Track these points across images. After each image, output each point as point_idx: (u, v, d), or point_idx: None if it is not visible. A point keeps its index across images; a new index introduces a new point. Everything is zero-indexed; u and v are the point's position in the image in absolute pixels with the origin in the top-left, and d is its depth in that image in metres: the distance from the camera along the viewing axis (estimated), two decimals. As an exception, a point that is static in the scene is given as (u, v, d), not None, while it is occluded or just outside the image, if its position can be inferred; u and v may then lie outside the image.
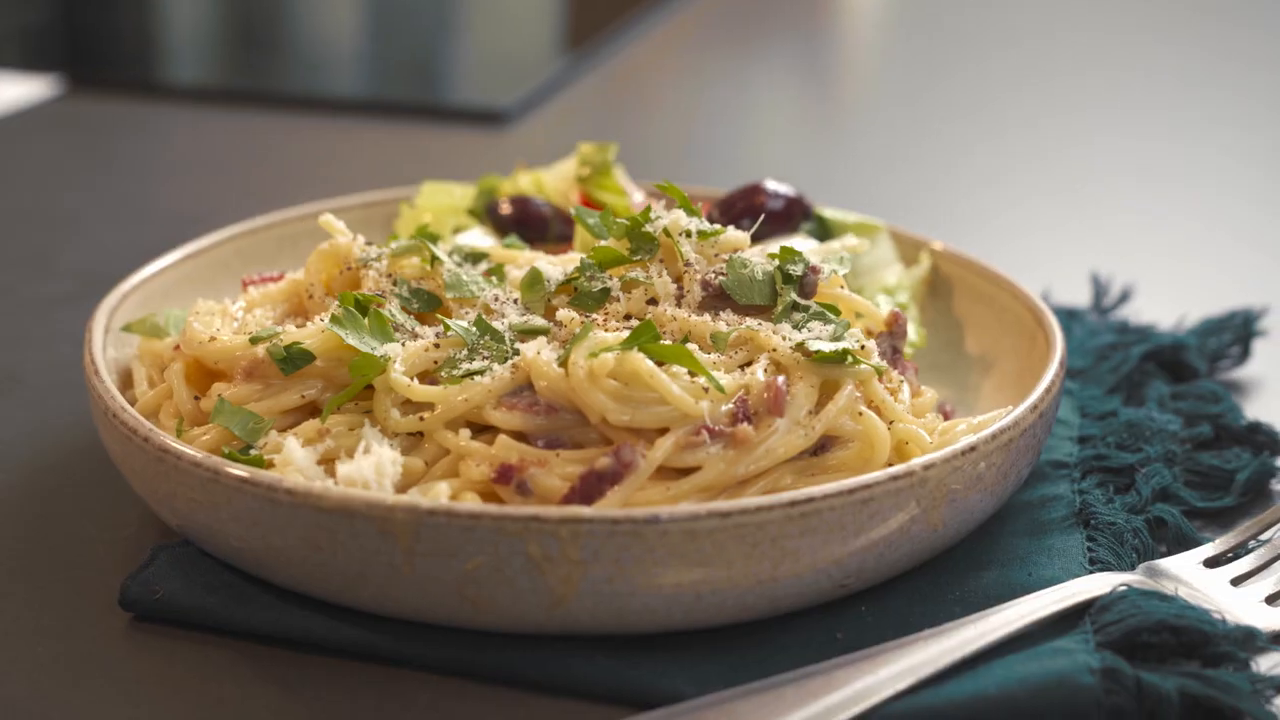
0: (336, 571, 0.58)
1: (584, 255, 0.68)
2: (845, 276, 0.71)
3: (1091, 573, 0.63)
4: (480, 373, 0.63)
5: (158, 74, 1.50)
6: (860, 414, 0.62)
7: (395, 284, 0.69)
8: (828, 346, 0.63)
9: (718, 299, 0.66)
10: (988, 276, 0.79)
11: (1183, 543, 0.67)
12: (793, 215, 0.80)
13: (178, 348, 0.69)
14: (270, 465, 0.61)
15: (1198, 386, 0.79)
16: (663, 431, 0.61)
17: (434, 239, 0.72)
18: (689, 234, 0.68)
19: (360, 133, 1.28)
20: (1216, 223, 1.09)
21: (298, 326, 0.69)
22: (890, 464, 0.63)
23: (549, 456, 0.60)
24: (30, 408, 0.79)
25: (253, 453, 0.63)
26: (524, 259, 0.73)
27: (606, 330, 0.64)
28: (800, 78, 1.60)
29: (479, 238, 0.82)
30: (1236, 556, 0.66)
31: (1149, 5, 1.82)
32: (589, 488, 0.59)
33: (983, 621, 0.59)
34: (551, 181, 0.85)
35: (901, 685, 0.56)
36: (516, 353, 0.64)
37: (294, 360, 0.64)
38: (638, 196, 0.84)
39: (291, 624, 0.60)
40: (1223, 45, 1.61)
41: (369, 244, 0.71)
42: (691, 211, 0.69)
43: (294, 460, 0.60)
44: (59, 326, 0.88)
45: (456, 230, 0.83)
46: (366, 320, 0.65)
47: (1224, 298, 0.90)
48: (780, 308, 0.66)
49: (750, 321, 0.65)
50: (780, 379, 0.61)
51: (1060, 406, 0.73)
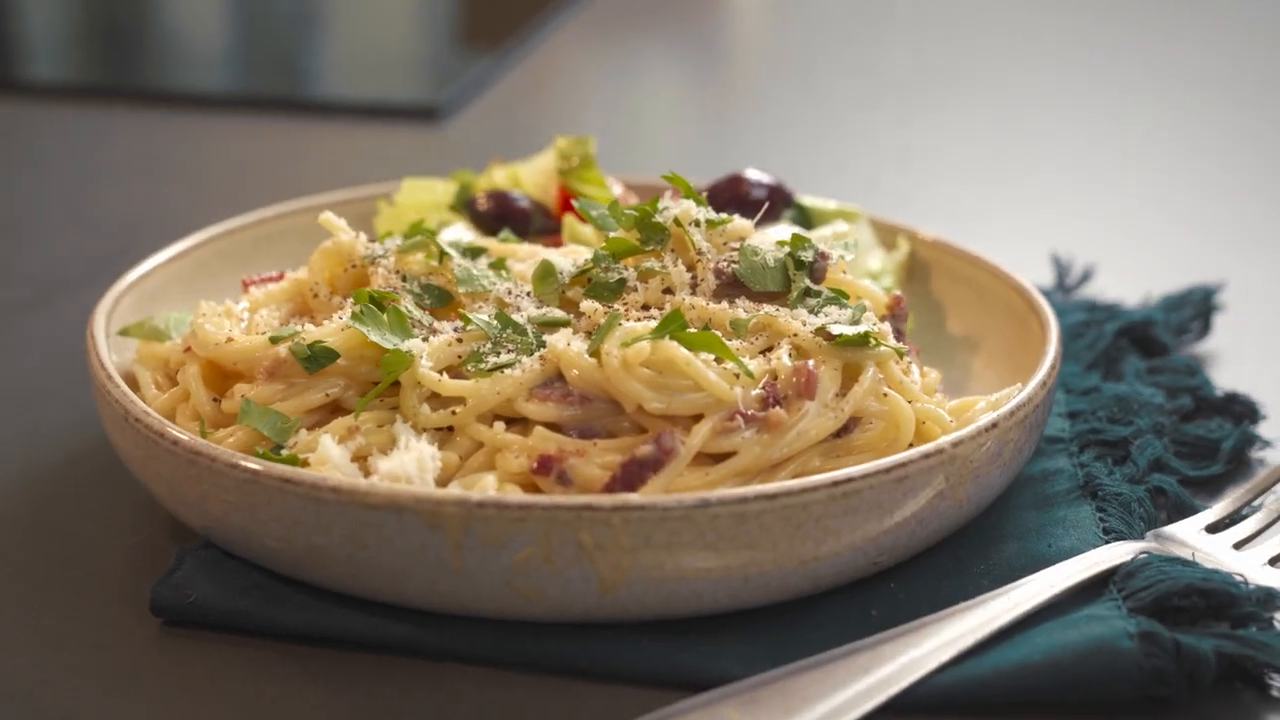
0: (381, 568, 0.58)
1: (597, 247, 0.69)
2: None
3: (1107, 542, 0.65)
4: (509, 366, 0.63)
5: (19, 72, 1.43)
6: (885, 395, 0.64)
7: (405, 280, 0.69)
8: (849, 330, 0.64)
9: (731, 286, 0.68)
10: (968, 259, 0.81)
11: (1182, 510, 0.69)
12: (775, 204, 0.82)
13: (188, 349, 0.68)
14: (304, 465, 0.61)
15: (1171, 361, 0.81)
16: (696, 418, 0.61)
17: (432, 235, 0.72)
18: (698, 223, 0.69)
19: (239, 129, 1.27)
20: (1164, 203, 1.12)
21: (304, 326, 0.69)
22: (910, 443, 0.64)
23: (587, 446, 0.61)
24: (14, 417, 0.78)
25: (284, 453, 0.62)
26: (523, 252, 0.73)
27: (625, 320, 0.65)
28: (712, 62, 1.61)
29: (462, 233, 0.82)
30: (1234, 522, 0.68)
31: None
32: (631, 475, 0.60)
33: (1015, 592, 0.60)
34: (529, 175, 0.86)
35: (945, 657, 0.58)
36: (542, 345, 0.64)
37: (317, 359, 0.64)
38: (617, 189, 0.85)
39: (331, 623, 0.60)
40: (1172, 30, 1.64)
41: (372, 241, 0.71)
42: (699, 201, 0.70)
43: (331, 458, 0.60)
44: (21, 333, 0.87)
45: (440, 226, 0.83)
46: (385, 317, 0.65)
47: (1178, 275, 0.93)
48: (795, 294, 0.67)
49: (767, 308, 0.66)
50: (811, 363, 0.62)
51: None
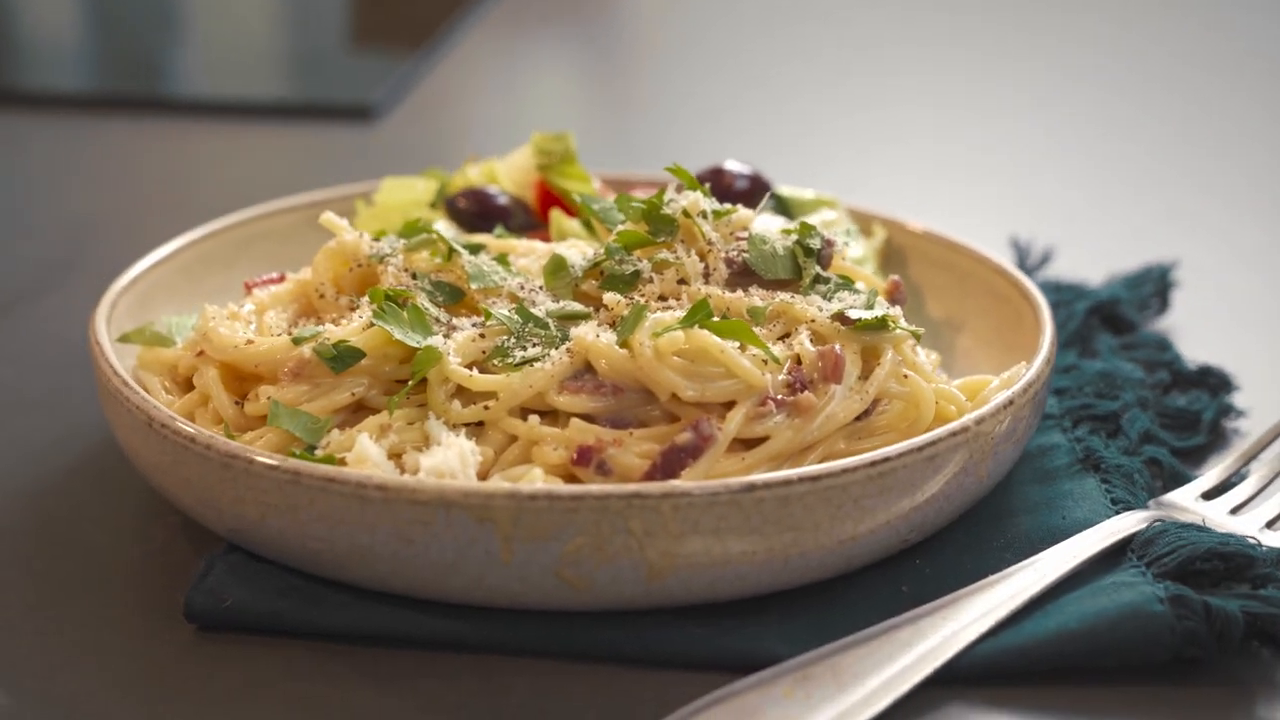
0: (427, 564, 0.59)
1: (609, 239, 0.69)
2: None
3: (1117, 512, 0.67)
4: (537, 359, 0.63)
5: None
6: (905, 377, 0.65)
7: (415, 278, 0.69)
8: (867, 314, 0.66)
9: (741, 275, 0.69)
10: (945, 244, 0.83)
11: (1176, 480, 0.72)
12: (755, 194, 0.83)
13: (200, 353, 0.67)
14: (341, 464, 0.61)
15: (1141, 337, 0.84)
16: (727, 405, 0.63)
17: (439, 234, 0.73)
18: (705, 214, 0.70)
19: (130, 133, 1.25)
20: (1111, 185, 1.15)
21: (325, 326, 0.68)
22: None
23: (623, 436, 0.61)
24: (3, 428, 0.77)
25: (317, 453, 0.62)
26: (522, 248, 0.74)
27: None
28: (635, 52, 1.62)
29: (445, 230, 0.82)
30: (1226, 488, 0.71)
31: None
32: (671, 463, 0.60)
33: (1040, 563, 0.62)
34: (506, 172, 0.86)
35: (984, 628, 0.59)
36: (565, 338, 0.65)
37: (343, 358, 0.64)
38: (595, 184, 0.85)
39: (374, 621, 0.60)
40: (1118, 15, 1.67)
41: (376, 240, 0.71)
42: (706, 193, 0.71)
43: (370, 456, 0.60)
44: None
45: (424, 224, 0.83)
46: (406, 315, 0.65)
47: (1129, 256, 0.96)
48: (807, 280, 0.68)
49: (782, 295, 0.67)
50: (837, 346, 0.64)
51: None
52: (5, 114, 1.27)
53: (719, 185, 0.82)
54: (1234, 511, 0.69)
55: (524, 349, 0.64)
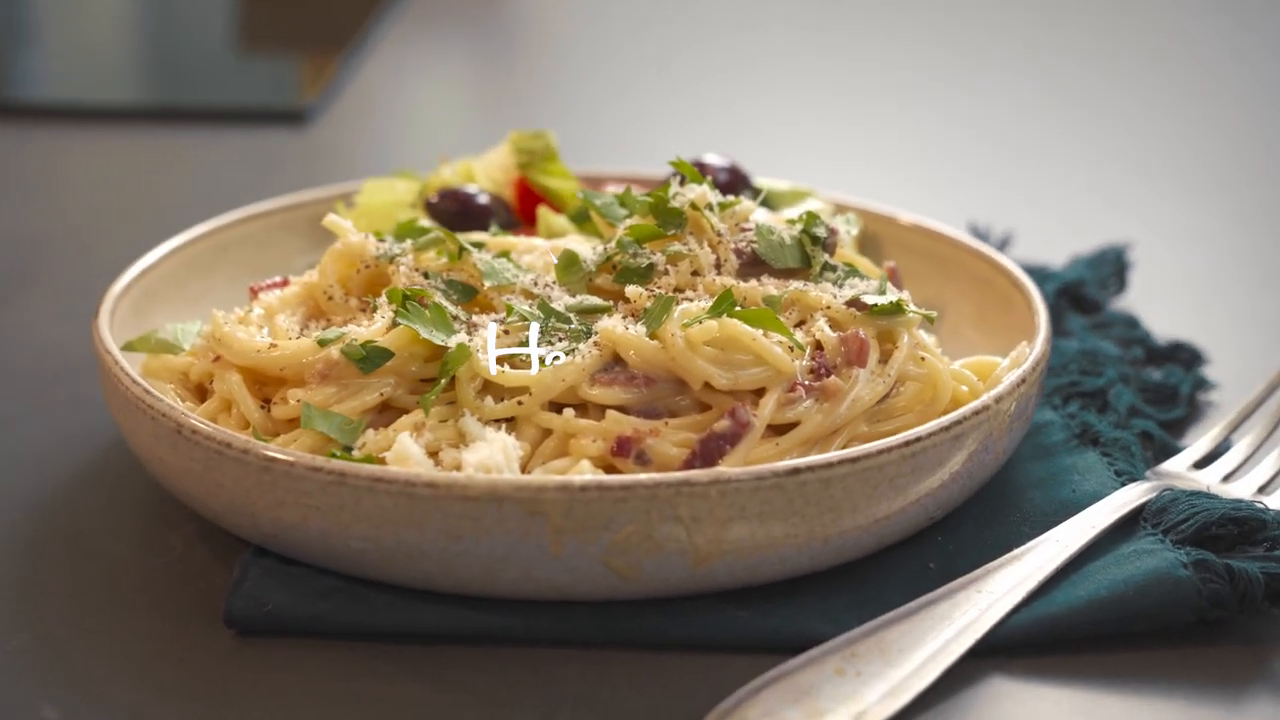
0: (475, 560, 0.59)
1: (619, 233, 0.70)
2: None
3: (1123, 483, 0.69)
4: (565, 354, 0.64)
5: None
6: (923, 359, 0.67)
7: (426, 277, 0.69)
8: (881, 299, 0.67)
9: (751, 266, 0.70)
10: (922, 232, 0.84)
11: (1165, 451, 0.74)
12: (736, 186, 0.84)
13: (217, 359, 0.67)
14: (381, 464, 0.61)
15: (1108, 316, 0.87)
16: (756, 392, 0.64)
17: (425, 232, 0.73)
18: (711, 206, 0.71)
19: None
20: (1059, 167, 1.18)
21: (349, 327, 0.68)
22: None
23: (659, 426, 0.62)
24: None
25: (354, 454, 0.62)
26: (522, 245, 0.74)
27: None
28: (558, 47, 1.63)
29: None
30: (1214, 458, 0.73)
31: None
32: (710, 450, 0.61)
33: (1060, 535, 0.64)
34: (483, 171, 0.86)
35: (1016, 599, 0.61)
36: (589, 331, 0.65)
37: (373, 359, 0.64)
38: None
39: (419, 618, 0.60)
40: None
41: (382, 241, 0.71)
42: (711, 186, 0.72)
43: (412, 455, 0.60)
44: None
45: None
46: (428, 314, 0.65)
47: (1081, 236, 0.99)
48: (816, 269, 0.70)
49: (794, 284, 0.69)
50: (860, 331, 0.65)
51: None
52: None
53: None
54: (1226, 479, 0.71)
55: (550, 344, 0.65)
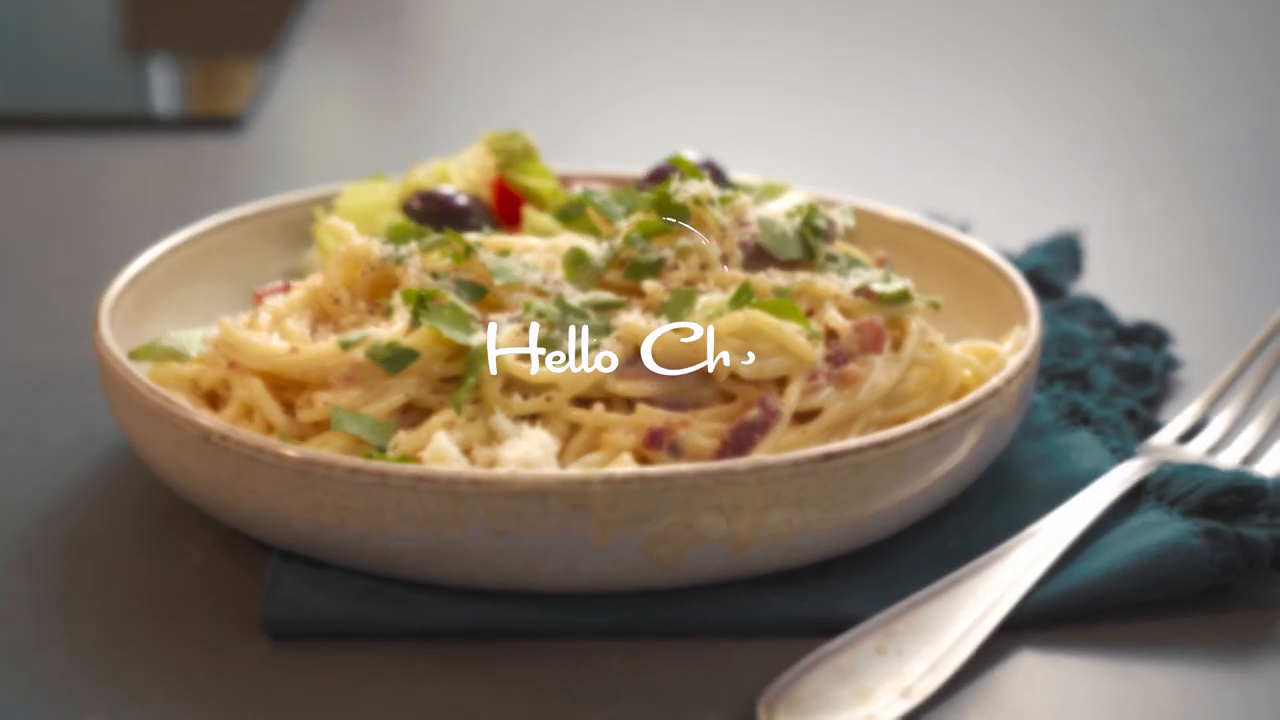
0: (518, 555, 0.60)
1: (626, 229, 0.71)
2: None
3: (1119, 460, 0.71)
4: (591, 349, 0.65)
5: None
6: (932, 345, 0.69)
7: (435, 277, 0.69)
8: (889, 288, 0.69)
9: (755, 258, 0.71)
10: (895, 224, 0.86)
11: (1148, 428, 0.77)
12: (715, 182, 0.85)
13: (231, 365, 0.67)
14: (417, 463, 0.61)
15: (1074, 300, 0.90)
16: (777, 381, 0.65)
17: (422, 234, 0.73)
18: (712, 201, 0.72)
19: None
20: (1008, 154, 1.20)
21: (331, 332, 0.68)
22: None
23: (689, 417, 0.63)
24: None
25: (389, 454, 0.62)
26: (520, 244, 0.75)
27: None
28: (482, 41, 1.63)
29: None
30: (1195, 433, 0.76)
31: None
32: (741, 439, 0.63)
33: (1071, 510, 0.66)
34: (458, 172, 0.87)
35: (1038, 574, 0.63)
36: (608, 326, 0.66)
37: (398, 360, 0.64)
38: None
39: (462, 615, 0.61)
40: None
41: (386, 243, 0.72)
42: (712, 180, 0.73)
43: (449, 454, 0.61)
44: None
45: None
46: (446, 314, 0.66)
47: (1032, 223, 1.02)
48: (821, 259, 0.71)
49: (801, 274, 0.70)
50: (877, 318, 0.67)
51: None
52: None
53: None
54: (1211, 452, 0.74)
55: (578, 340, 0.65)
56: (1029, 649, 0.62)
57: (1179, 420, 0.76)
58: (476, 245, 0.74)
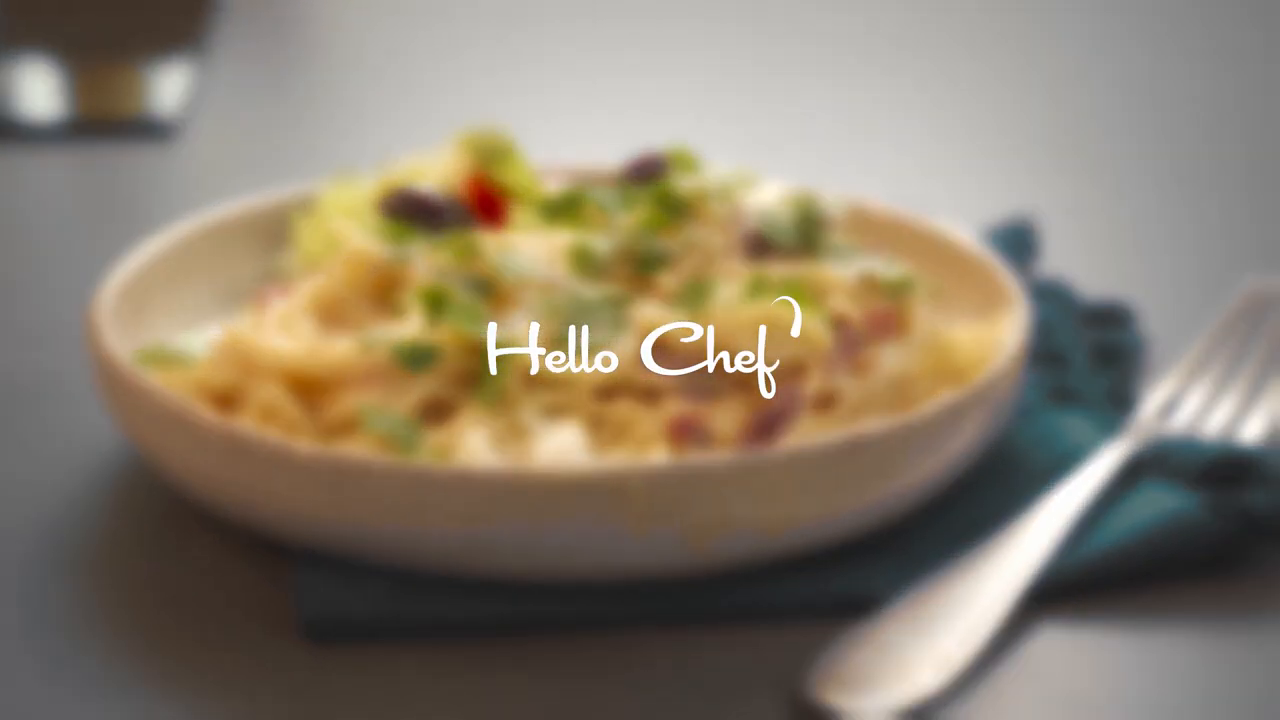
0: (554, 549, 0.60)
1: (634, 223, 0.72)
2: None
3: (1111, 436, 0.74)
4: (609, 341, 0.66)
5: None
6: (935, 330, 0.70)
7: (445, 276, 0.70)
8: (893, 274, 0.70)
9: (757, 249, 0.72)
10: (872, 213, 0.88)
11: (1128, 405, 0.79)
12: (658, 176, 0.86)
13: (245, 368, 0.66)
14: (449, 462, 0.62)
15: (1038, 282, 0.92)
16: (796, 366, 0.66)
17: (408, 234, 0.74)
18: (715, 193, 0.73)
19: None
20: (955, 137, 1.22)
21: (339, 333, 0.68)
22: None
23: (709, 407, 0.64)
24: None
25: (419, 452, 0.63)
26: (517, 242, 0.75)
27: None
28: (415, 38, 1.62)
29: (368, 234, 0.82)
30: (1173, 407, 0.79)
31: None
32: (766, 425, 0.64)
33: (1078, 484, 0.68)
34: (432, 170, 0.87)
35: (1052, 548, 0.65)
36: (623, 320, 0.67)
37: (422, 358, 0.64)
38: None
39: (502, 610, 0.62)
40: None
41: (389, 243, 0.72)
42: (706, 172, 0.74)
43: (483, 451, 0.61)
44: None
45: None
46: (462, 311, 0.66)
47: (980, 207, 1.04)
48: (820, 248, 0.72)
49: (804, 263, 0.71)
50: (887, 305, 0.68)
51: None
52: None
53: (660, 170, 0.85)
54: (1194, 424, 0.77)
55: (595, 334, 0.66)
56: (1051, 621, 0.64)
57: (1158, 395, 0.79)
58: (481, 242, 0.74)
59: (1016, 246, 0.97)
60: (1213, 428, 0.76)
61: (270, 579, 0.65)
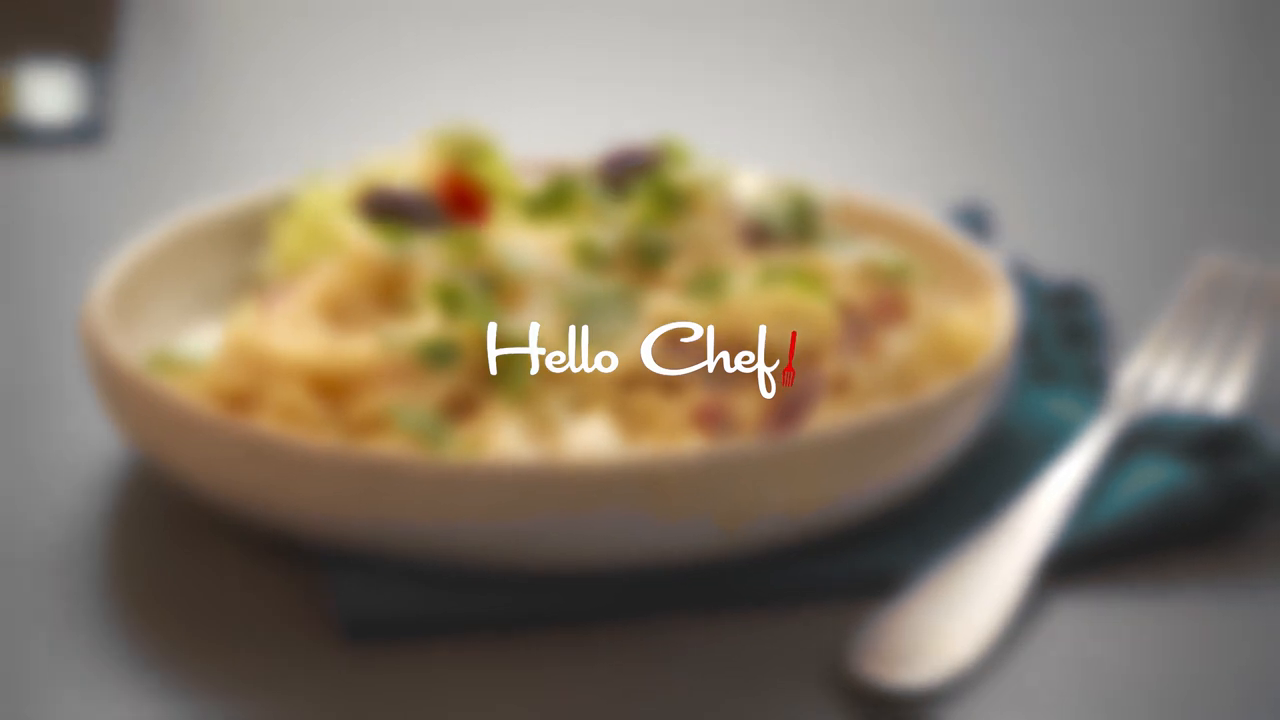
0: (588, 539, 0.61)
1: (634, 216, 0.73)
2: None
3: (1098, 411, 0.76)
4: (620, 334, 0.66)
5: None
6: (933, 313, 0.72)
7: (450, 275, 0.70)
8: (889, 260, 0.72)
9: (754, 238, 0.73)
10: (854, 202, 0.89)
11: (1103, 381, 0.82)
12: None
13: (258, 369, 0.66)
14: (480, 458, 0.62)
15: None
16: (811, 353, 0.68)
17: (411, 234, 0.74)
18: (712, 183, 0.74)
19: None
20: (906, 121, 1.23)
21: (345, 332, 0.68)
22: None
23: (728, 395, 0.66)
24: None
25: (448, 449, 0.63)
26: (515, 239, 0.75)
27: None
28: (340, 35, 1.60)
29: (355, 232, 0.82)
30: (1147, 381, 0.81)
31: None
32: (787, 411, 0.65)
33: (1078, 460, 0.70)
34: (405, 168, 0.86)
35: (1059, 522, 0.67)
36: (634, 312, 0.68)
37: (443, 356, 0.65)
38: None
39: (541, 602, 0.62)
40: None
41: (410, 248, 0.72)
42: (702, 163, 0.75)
43: (516, 446, 0.62)
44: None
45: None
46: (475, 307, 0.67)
47: (937, 189, 1.06)
48: (818, 236, 0.74)
49: (802, 251, 0.73)
50: (892, 291, 0.70)
51: None
52: None
53: (637, 162, 0.86)
54: (1170, 397, 0.79)
55: (608, 326, 0.67)
56: (1065, 592, 0.66)
57: (1133, 371, 0.82)
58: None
59: (974, 229, 0.99)
60: (1188, 400, 0.78)
61: (294, 581, 0.65)
